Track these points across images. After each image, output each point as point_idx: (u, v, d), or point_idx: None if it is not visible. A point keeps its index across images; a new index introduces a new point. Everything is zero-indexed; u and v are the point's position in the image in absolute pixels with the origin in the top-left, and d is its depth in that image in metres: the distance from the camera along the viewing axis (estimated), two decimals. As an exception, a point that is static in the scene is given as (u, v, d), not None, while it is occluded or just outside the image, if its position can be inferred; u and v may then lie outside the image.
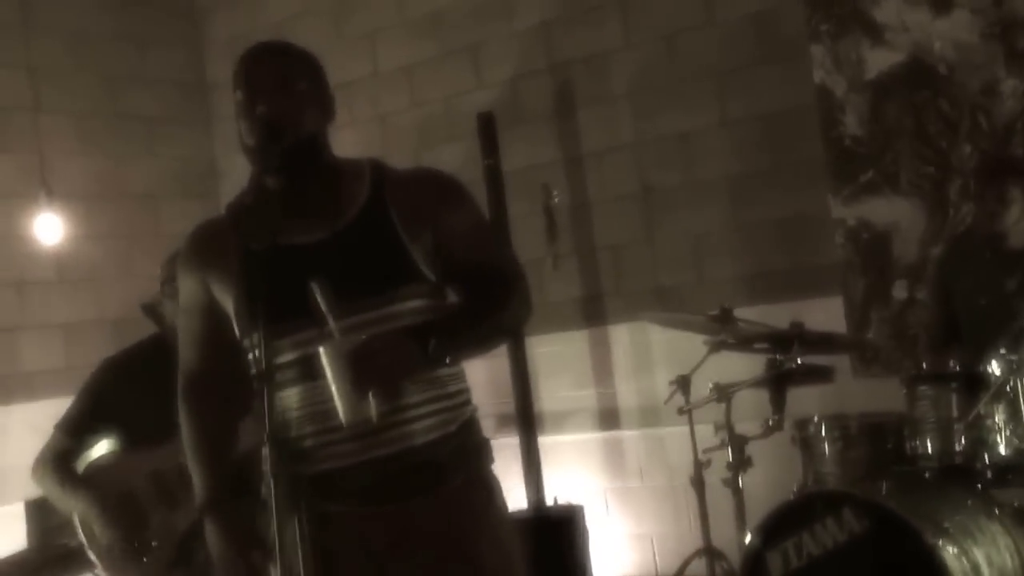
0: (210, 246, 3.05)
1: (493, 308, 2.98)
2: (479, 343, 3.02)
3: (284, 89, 2.93)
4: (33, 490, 4.67)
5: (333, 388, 2.73)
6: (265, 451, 2.75)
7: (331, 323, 2.77)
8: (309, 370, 2.83)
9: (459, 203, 3.07)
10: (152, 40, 7.73)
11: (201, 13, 8.07)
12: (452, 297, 3.04)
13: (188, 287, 3.10)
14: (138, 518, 4.32)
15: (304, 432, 2.89)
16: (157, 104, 7.61)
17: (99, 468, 4.45)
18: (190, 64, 7.83)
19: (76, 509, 4.36)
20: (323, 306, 2.78)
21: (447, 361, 2.88)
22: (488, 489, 3.06)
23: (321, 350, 2.73)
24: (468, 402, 3.06)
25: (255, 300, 2.79)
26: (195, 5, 8.07)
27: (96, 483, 4.38)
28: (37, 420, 4.81)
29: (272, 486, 2.70)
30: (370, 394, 2.72)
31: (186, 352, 3.15)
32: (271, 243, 2.88)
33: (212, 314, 3.04)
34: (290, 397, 2.89)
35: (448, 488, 2.94)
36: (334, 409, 2.77)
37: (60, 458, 4.47)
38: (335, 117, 3.06)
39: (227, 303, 2.99)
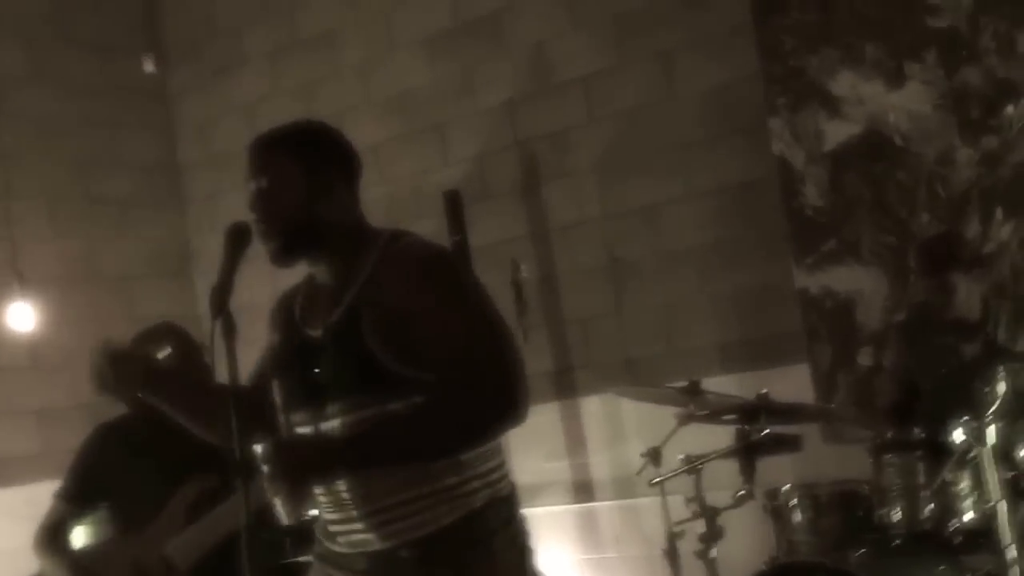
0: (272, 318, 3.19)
1: (443, 417, 2.84)
2: (416, 451, 2.87)
3: (259, 185, 2.97)
4: (12, 572, 4.68)
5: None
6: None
7: (282, 424, 2.81)
8: None
9: (448, 295, 2.92)
10: (123, 124, 7.77)
11: (171, 96, 8.10)
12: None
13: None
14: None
15: (322, 516, 3.04)
16: (129, 187, 7.62)
17: (87, 554, 4.48)
18: (161, 146, 7.86)
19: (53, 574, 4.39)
20: (279, 405, 2.83)
21: (361, 468, 2.85)
22: None
23: (257, 449, 2.75)
24: (473, 491, 2.97)
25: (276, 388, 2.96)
26: (165, 89, 8.10)
27: (83, 566, 4.40)
28: (12, 506, 4.82)
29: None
30: (292, 495, 2.74)
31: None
32: (298, 332, 3.03)
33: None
34: None
35: None
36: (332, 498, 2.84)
37: (55, 528, 4.51)
38: (348, 184, 3.06)
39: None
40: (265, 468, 2.71)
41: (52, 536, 4.51)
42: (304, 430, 2.92)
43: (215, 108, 7.65)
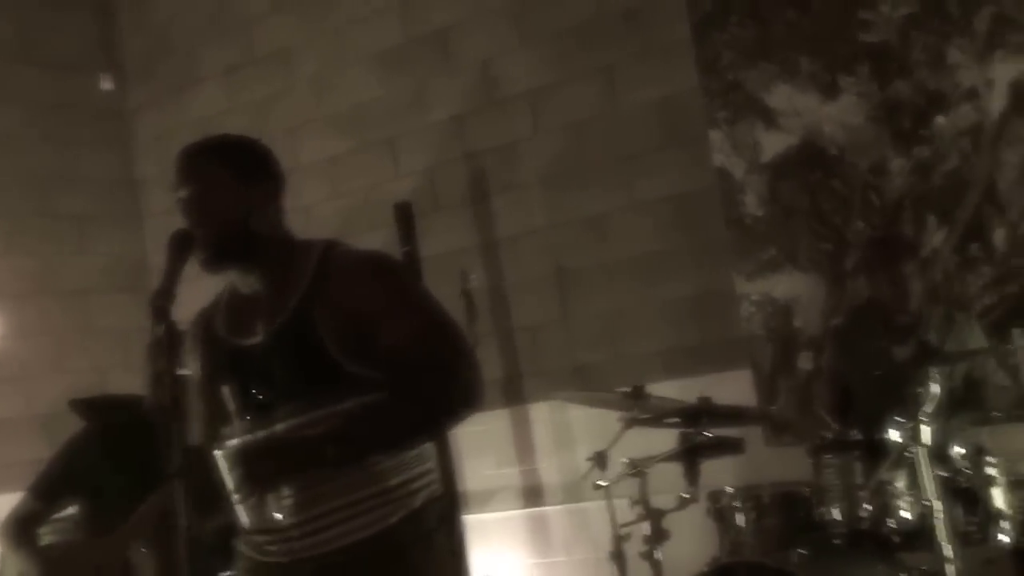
0: (192, 343, 3.07)
1: (408, 406, 2.88)
2: (390, 443, 2.91)
3: (196, 193, 2.93)
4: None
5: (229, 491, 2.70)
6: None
7: (239, 429, 2.74)
8: None
9: (398, 292, 3.00)
10: (81, 141, 7.68)
11: (129, 113, 8.03)
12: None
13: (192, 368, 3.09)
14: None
15: (254, 528, 2.92)
16: (87, 203, 7.54)
17: (52, 550, 4.43)
18: (119, 162, 7.77)
19: (20, 568, 4.33)
20: (235, 413, 2.75)
21: (347, 463, 2.82)
22: None
23: (217, 455, 2.70)
24: (413, 492, 2.98)
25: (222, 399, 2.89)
26: (123, 105, 8.02)
27: (47, 561, 4.35)
28: (-31, 517, 4.73)
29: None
30: (259, 497, 2.69)
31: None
32: (227, 343, 2.94)
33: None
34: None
35: None
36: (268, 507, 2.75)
37: (24, 521, 4.46)
38: (276, 199, 2.99)
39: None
40: (236, 471, 2.66)
41: (20, 528, 4.47)
42: (248, 439, 2.85)
43: (172, 124, 7.58)
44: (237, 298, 3.00)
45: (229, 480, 2.71)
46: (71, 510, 4.58)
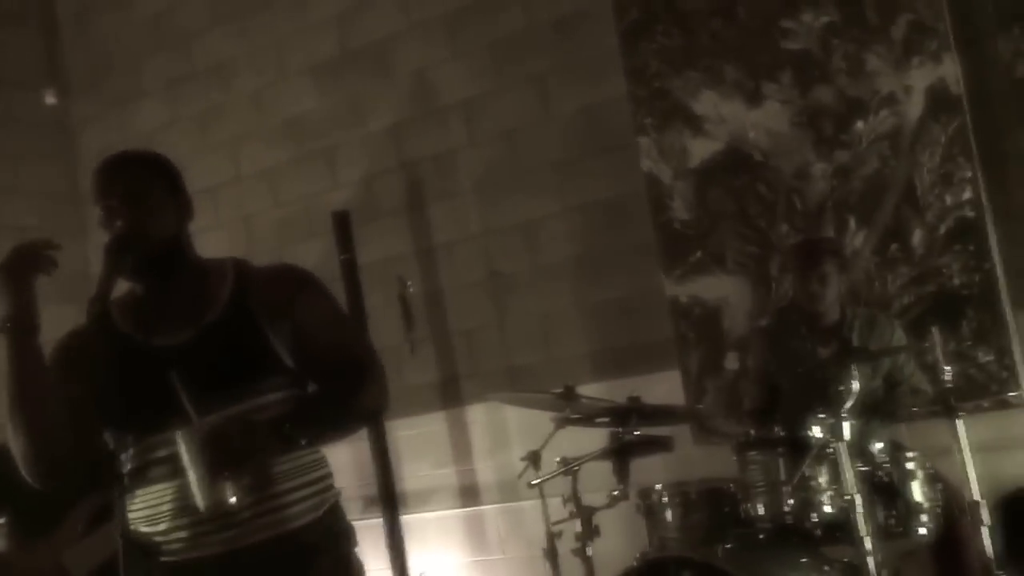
0: (76, 354, 2.90)
1: (348, 395, 2.90)
2: (335, 428, 2.92)
3: (136, 200, 2.84)
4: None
5: (189, 474, 2.63)
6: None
7: (192, 414, 2.67)
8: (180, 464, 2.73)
9: (317, 296, 3.01)
10: (25, 155, 7.58)
11: (73, 127, 7.94)
12: (312, 387, 2.96)
13: None
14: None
15: (176, 524, 2.79)
16: (31, 215, 7.42)
17: None
18: (63, 175, 7.66)
19: None
20: (183, 398, 2.69)
21: (302, 443, 2.80)
22: (354, 571, 2.99)
23: (177, 436, 2.64)
24: (332, 487, 2.98)
25: (120, 402, 2.75)
26: (67, 119, 7.93)
27: None
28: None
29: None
30: (226, 479, 2.64)
31: None
32: (143, 345, 2.82)
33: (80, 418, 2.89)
34: (163, 492, 2.79)
35: (317, 572, 2.87)
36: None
37: None
38: (194, 217, 2.97)
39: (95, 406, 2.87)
40: (193, 454, 2.61)
41: None
42: (167, 435, 2.79)
43: (116, 138, 7.45)
44: (144, 306, 2.93)
45: (193, 462, 2.64)
46: None
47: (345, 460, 6.19)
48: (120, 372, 2.81)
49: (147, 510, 2.81)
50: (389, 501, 6.24)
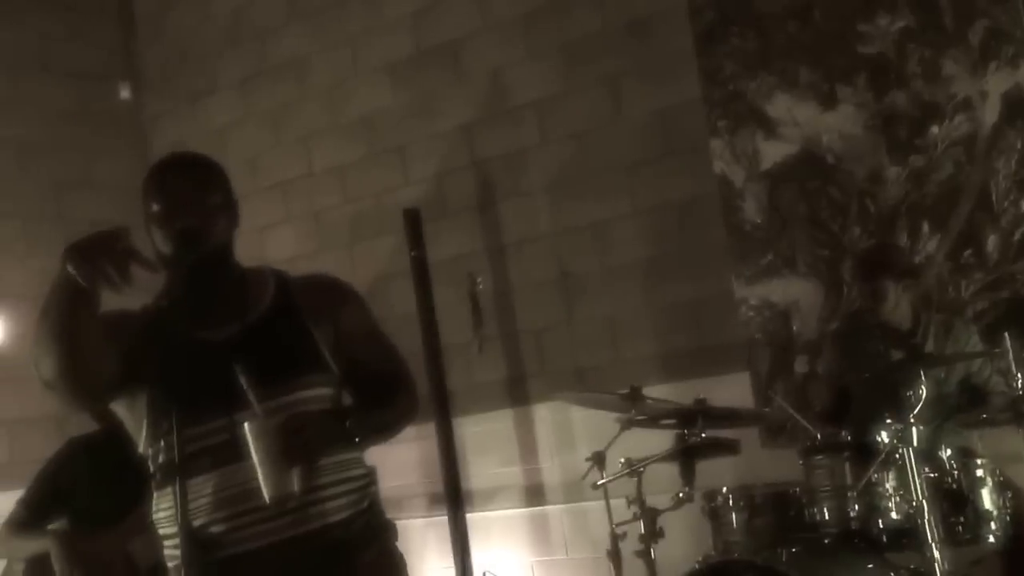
0: (116, 331, 2.90)
1: (391, 402, 3.04)
2: (383, 430, 3.03)
3: (199, 202, 2.90)
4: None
5: (257, 464, 2.69)
6: (174, 541, 2.72)
7: (255, 404, 2.73)
8: (225, 456, 2.80)
9: (357, 307, 3.11)
10: (98, 148, 7.69)
11: (146, 122, 8.05)
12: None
13: None
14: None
15: (217, 516, 2.83)
16: (102, 208, 7.50)
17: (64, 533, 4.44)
18: (135, 169, 7.73)
19: (43, 548, 4.34)
20: (246, 388, 2.75)
21: (357, 440, 2.91)
22: (396, 565, 3.06)
23: (246, 426, 2.70)
24: (373, 483, 3.06)
25: (171, 392, 2.77)
26: (140, 114, 8.05)
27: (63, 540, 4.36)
28: (-18, 514, 4.73)
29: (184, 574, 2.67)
30: (293, 469, 2.70)
31: None
32: (185, 340, 2.87)
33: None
34: (202, 484, 2.83)
35: (360, 564, 2.93)
36: (252, 490, 2.73)
37: (16, 527, 4.46)
38: (239, 224, 3.04)
39: (136, 395, 2.92)
40: (262, 444, 2.67)
41: (15, 531, 4.48)
42: (218, 424, 2.85)
43: (188, 133, 7.60)
44: (187, 303, 2.96)
45: (262, 452, 2.70)
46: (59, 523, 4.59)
47: (411, 457, 6.26)
48: (164, 361, 2.85)
49: (193, 501, 2.83)
50: (454, 499, 6.25)
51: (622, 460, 4.74)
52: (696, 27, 5.91)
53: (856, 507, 4.13)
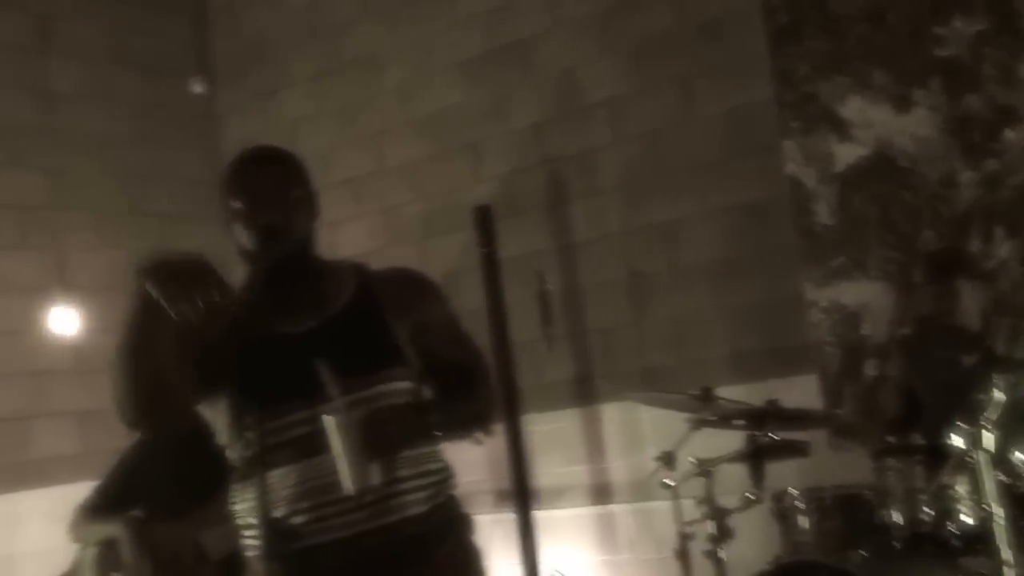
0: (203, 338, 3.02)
1: (472, 396, 3.07)
2: (463, 425, 3.05)
3: (282, 198, 2.94)
4: (47, 571, 4.67)
5: (340, 456, 2.73)
6: (255, 531, 2.77)
7: (336, 397, 2.77)
8: (305, 448, 2.84)
9: (436, 300, 3.13)
10: (171, 141, 7.76)
11: (217, 116, 8.13)
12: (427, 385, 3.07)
13: None
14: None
15: (297, 508, 2.87)
16: (175, 202, 7.61)
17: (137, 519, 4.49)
18: (208, 163, 7.84)
19: (107, 533, 4.39)
20: (328, 381, 2.78)
21: (439, 435, 2.95)
22: (473, 558, 3.09)
23: (328, 420, 2.74)
24: (451, 477, 3.09)
25: (254, 386, 2.81)
26: (212, 109, 8.13)
27: (135, 526, 4.42)
28: (51, 506, 4.80)
29: (265, 565, 2.71)
30: (374, 463, 2.74)
31: None
32: (266, 334, 2.91)
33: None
34: (283, 476, 2.87)
35: (438, 557, 2.96)
36: (332, 483, 2.77)
37: (91, 511, 4.52)
38: (320, 217, 3.07)
39: (217, 391, 2.97)
40: (345, 438, 2.71)
41: (88, 516, 4.54)
42: (298, 418, 2.89)
43: (260, 128, 7.66)
44: (266, 297, 2.99)
45: (345, 446, 2.74)
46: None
47: (479, 454, 6.22)
48: (245, 356, 2.89)
49: (273, 493, 2.88)
50: (522, 496, 6.30)
51: (692, 460, 4.76)
52: (769, 28, 5.91)
53: (928, 511, 4.13)
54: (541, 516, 6.40)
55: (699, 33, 6.14)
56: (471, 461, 3.08)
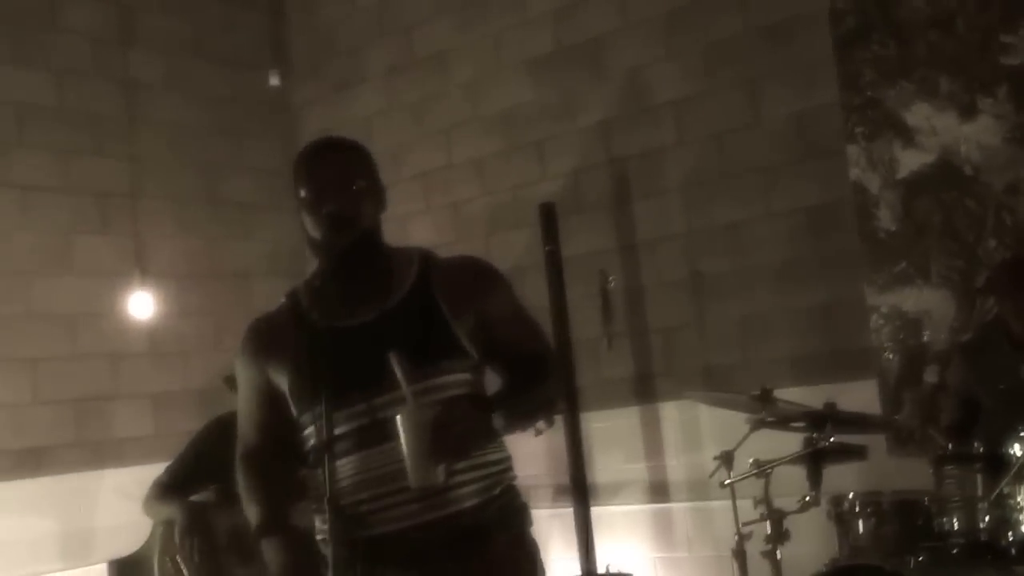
0: (267, 337, 3.06)
1: (537, 386, 3.02)
2: (528, 417, 3.02)
3: (347, 187, 2.93)
4: (117, 550, 4.70)
5: (406, 452, 2.72)
6: (323, 516, 2.76)
7: (406, 391, 2.75)
8: (366, 438, 2.86)
9: (499, 288, 3.10)
10: (248, 132, 7.81)
11: (294, 109, 8.15)
12: (491, 374, 3.05)
13: (247, 376, 3.11)
14: (215, 565, 4.39)
15: (360, 497, 2.88)
16: (251, 191, 7.66)
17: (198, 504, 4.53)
18: (282, 154, 7.85)
19: (168, 515, 4.43)
20: (399, 374, 2.77)
21: (501, 430, 2.91)
22: (529, 550, 3.06)
23: (398, 418, 2.73)
24: (509, 468, 3.08)
25: (316, 378, 2.80)
26: (289, 101, 8.15)
27: (193, 511, 4.45)
28: (126, 485, 4.85)
29: (332, 549, 2.70)
30: (441, 461, 2.72)
31: (245, 430, 3.16)
32: (329, 326, 2.90)
33: (269, 399, 3.04)
34: (345, 466, 2.88)
35: (494, 549, 2.94)
36: (393, 473, 2.77)
37: (163, 488, 4.57)
38: (387, 208, 3.05)
39: (283, 385, 2.99)
40: (413, 435, 2.69)
41: (157, 494, 4.59)
42: (360, 408, 2.87)
43: (334, 121, 7.66)
44: (330, 287, 2.99)
45: (413, 442, 2.72)
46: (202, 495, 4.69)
47: (538, 448, 6.23)
48: (312, 346, 2.89)
49: (338, 481, 2.87)
50: (580, 492, 6.24)
51: (751, 460, 4.72)
52: (836, 32, 5.83)
53: (986, 519, 4.06)
54: (599, 512, 6.34)
55: (766, 36, 6.07)
56: (531, 454, 3.07)
